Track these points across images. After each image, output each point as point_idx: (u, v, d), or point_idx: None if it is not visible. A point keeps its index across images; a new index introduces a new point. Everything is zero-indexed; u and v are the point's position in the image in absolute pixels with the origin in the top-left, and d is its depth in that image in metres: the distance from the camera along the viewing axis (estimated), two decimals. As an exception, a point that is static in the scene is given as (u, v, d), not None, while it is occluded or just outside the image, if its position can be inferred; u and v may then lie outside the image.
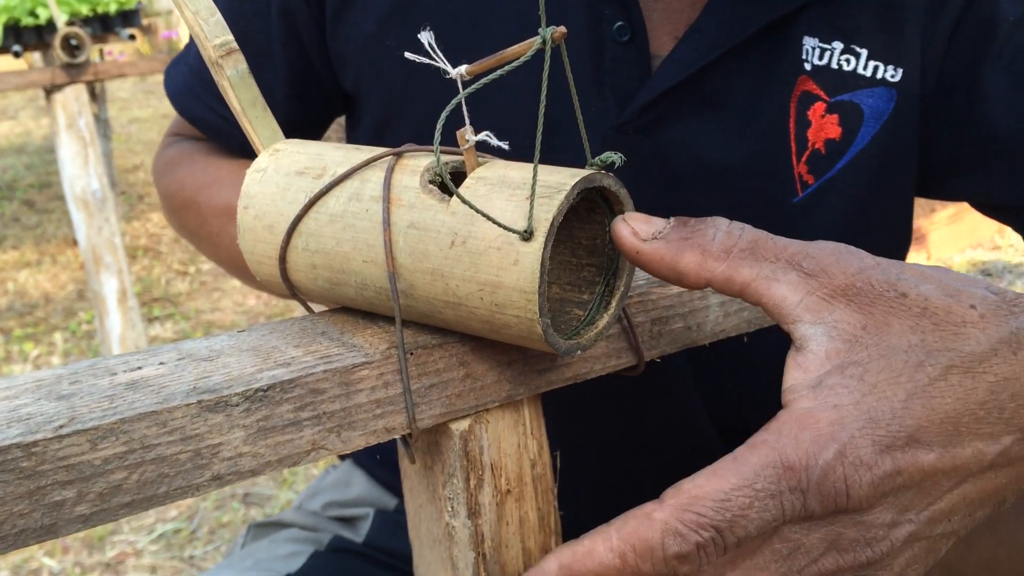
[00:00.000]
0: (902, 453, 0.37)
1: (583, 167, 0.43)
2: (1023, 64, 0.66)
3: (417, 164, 0.45)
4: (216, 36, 0.50)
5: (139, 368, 0.42)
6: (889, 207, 0.72)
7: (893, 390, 0.37)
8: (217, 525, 2.14)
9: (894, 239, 0.76)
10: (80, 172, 2.75)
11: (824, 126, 0.68)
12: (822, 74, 0.67)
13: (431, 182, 0.44)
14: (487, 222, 0.41)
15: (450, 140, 0.57)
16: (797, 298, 0.40)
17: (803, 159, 0.68)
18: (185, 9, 0.50)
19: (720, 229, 0.42)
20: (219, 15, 0.51)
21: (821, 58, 0.67)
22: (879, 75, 0.67)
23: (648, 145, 0.68)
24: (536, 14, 0.68)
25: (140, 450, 0.38)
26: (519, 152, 0.47)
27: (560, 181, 0.41)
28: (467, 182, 0.43)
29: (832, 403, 0.37)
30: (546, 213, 0.40)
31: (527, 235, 0.40)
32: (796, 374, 0.39)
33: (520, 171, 0.43)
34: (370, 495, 0.91)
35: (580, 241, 0.47)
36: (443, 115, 0.39)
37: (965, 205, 0.77)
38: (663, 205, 0.65)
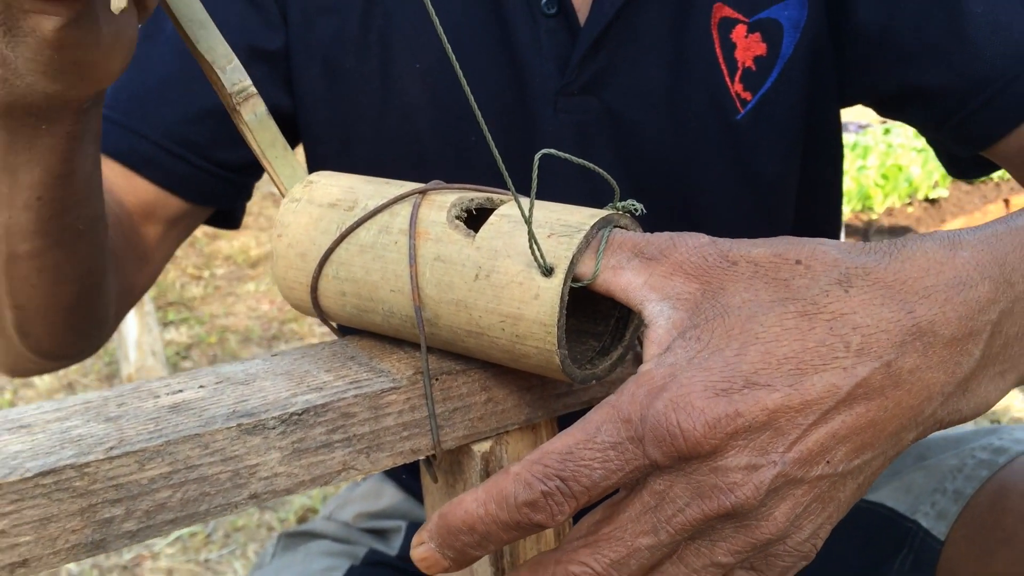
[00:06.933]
0: (740, 396, 0.38)
1: (602, 206, 0.45)
2: None
3: (444, 200, 0.47)
4: (234, 84, 0.52)
5: (180, 391, 0.45)
6: (823, 116, 0.78)
7: (727, 342, 0.39)
8: (232, 529, 2.16)
9: (828, 152, 0.82)
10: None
11: (749, 45, 0.74)
12: None
13: (457, 218, 0.47)
14: (510, 257, 0.43)
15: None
16: (641, 280, 0.43)
17: (736, 78, 0.74)
18: (202, 59, 0.52)
19: None
20: (236, 61, 0.53)
21: None
22: None
23: (596, 104, 0.75)
24: (460, 19, 0.75)
25: (184, 470, 0.40)
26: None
27: (580, 221, 0.43)
28: (491, 219, 0.45)
29: (669, 362, 0.40)
30: (566, 251, 0.43)
31: (548, 271, 0.42)
32: (651, 349, 0.41)
33: (541, 210, 0.45)
34: (402, 507, 0.93)
35: None
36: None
37: None
38: (621, 149, 0.73)
